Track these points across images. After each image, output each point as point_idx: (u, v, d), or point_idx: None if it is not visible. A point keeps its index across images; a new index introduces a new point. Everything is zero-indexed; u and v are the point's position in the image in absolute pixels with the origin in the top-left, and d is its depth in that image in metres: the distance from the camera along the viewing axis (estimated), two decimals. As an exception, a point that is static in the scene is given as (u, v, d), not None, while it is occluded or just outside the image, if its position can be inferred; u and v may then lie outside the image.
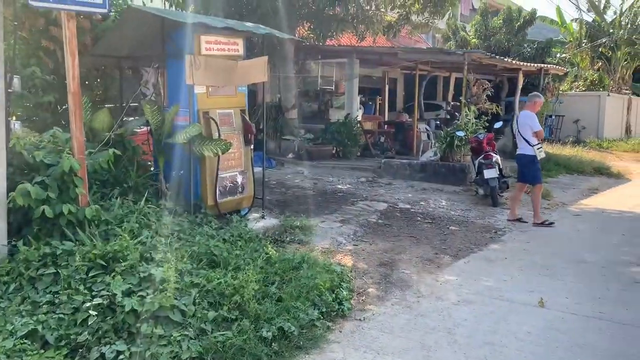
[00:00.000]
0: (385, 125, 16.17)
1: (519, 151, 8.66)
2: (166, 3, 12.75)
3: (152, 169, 6.57)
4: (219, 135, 6.44)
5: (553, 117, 21.65)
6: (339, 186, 11.13)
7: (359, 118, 14.60)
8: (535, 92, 9.04)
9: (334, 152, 13.59)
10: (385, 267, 6.29)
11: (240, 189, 6.90)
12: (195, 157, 6.34)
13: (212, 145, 6.26)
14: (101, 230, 4.88)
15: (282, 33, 6.98)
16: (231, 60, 6.56)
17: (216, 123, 6.42)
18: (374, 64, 14.42)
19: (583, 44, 25.76)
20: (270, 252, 5.98)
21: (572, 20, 27.38)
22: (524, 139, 8.44)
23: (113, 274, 4.24)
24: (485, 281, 5.91)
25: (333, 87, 14.67)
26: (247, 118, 6.90)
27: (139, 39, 6.77)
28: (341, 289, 5.22)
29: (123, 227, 4.95)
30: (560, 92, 17.67)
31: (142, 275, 4.22)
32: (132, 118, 6.59)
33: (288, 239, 6.90)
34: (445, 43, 25.34)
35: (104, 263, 4.34)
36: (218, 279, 4.69)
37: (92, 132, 6.08)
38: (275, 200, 9.52)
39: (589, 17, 27.68)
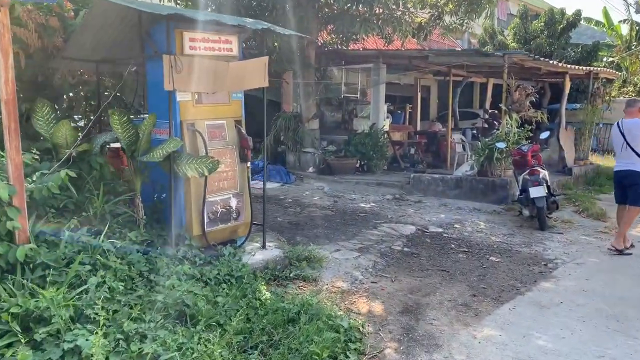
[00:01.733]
0: (416, 136, 14.87)
1: (626, 167, 7.20)
2: (177, 6, 11.90)
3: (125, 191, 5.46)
4: (206, 151, 5.33)
5: (601, 125, 19.87)
6: (362, 205, 9.90)
7: (386, 128, 13.36)
8: (635, 97, 7.60)
9: (357, 165, 12.38)
10: (408, 315, 5.03)
11: (234, 215, 5.76)
12: (177, 178, 5.25)
13: (197, 163, 5.15)
14: (37, 276, 3.80)
15: (284, 29, 5.86)
16: (223, 61, 5.45)
17: (202, 137, 5.32)
18: (402, 69, 13.19)
19: (633, 47, 23.85)
20: (264, 297, 4.81)
21: (620, 21, 25.44)
22: (635, 152, 6.98)
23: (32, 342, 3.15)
24: (538, 338, 4.58)
25: (358, 95, 13.48)
26: (244, 130, 5.78)
27: (117, 39, 5.75)
28: (348, 353, 4.00)
29: (67, 272, 3.86)
30: (612, 98, 16.02)
31: (66, 346, 3.11)
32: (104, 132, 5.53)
33: (292, 274, 5.72)
34: (482, 48, 23.86)
35: (19, 328, 3.25)
36: (180, 344, 3.55)
37: (55, 149, 5.05)
38: (286, 222, 8.37)
39: (639, 19, 25.74)
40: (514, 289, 5.79)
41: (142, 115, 5.69)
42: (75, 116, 6.78)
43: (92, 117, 6.31)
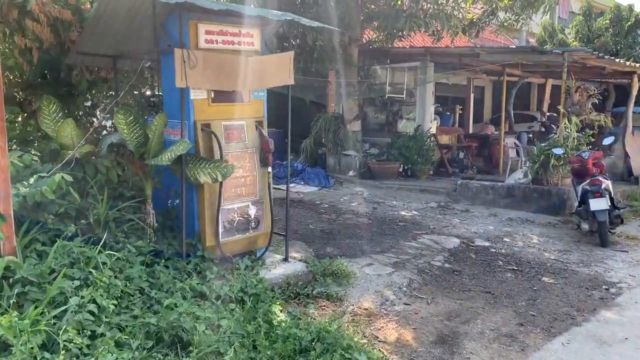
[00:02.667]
0: (466, 139, 14.00)
1: None
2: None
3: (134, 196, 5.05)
4: (221, 154, 4.86)
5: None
6: (402, 213, 9.23)
7: (433, 130, 12.59)
8: None
9: (400, 170, 11.68)
10: (443, 346, 4.38)
11: (253, 224, 5.27)
12: (190, 183, 4.80)
13: (210, 167, 4.69)
14: (17, 292, 3.41)
15: (311, 21, 5.31)
16: (242, 56, 4.97)
17: (217, 139, 4.84)
18: (452, 68, 12.39)
19: None
20: (277, 319, 4.28)
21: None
22: None
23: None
24: (597, 384, 3.85)
25: (403, 95, 12.77)
26: (265, 132, 5.27)
27: (133, 32, 5.37)
28: (363, 396, 3.42)
29: (50, 288, 3.46)
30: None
31: (25, 382, 2.68)
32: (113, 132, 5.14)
33: (315, 291, 5.17)
34: (541, 47, 22.53)
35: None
36: (165, 380, 3.06)
37: (62, 150, 4.70)
38: (319, 230, 7.83)
39: None
40: (569, 318, 5.03)
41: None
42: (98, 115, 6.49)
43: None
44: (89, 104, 6.20)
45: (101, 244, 4.09)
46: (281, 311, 4.54)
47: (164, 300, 3.98)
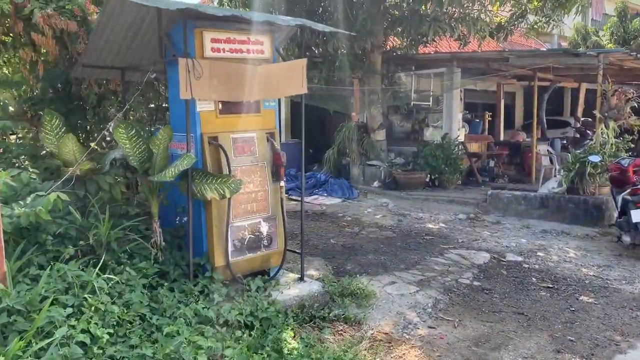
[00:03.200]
0: (497, 147, 13.47)
1: None
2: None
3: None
4: (229, 168, 4.58)
5: None
6: (429, 225, 8.82)
7: (461, 138, 12.12)
8: None
9: (427, 180, 11.24)
10: (470, 377, 3.98)
11: (265, 242, 4.96)
12: (197, 200, 4.53)
13: (218, 183, 4.42)
14: (2, 322, 3.17)
15: (324, 26, 5.02)
16: (251, 65, 4.69)
17: (224, 152, 4.57)
18: (479, 73, 11.94)
19: None
20: (288, 347, 3.96)
21: None
22: None
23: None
24: None
25: (430, 103, 12.36)
26: (277, 144, 4.98)
27: (140, 43, 5.16)
28: None
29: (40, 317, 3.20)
30: None
31: None
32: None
33: (332, 314, 4.82)
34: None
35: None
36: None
37: (65, 167, 4.50)
38: (340, 245, 7.49)
39: None
40: (612, 344, 4.56)
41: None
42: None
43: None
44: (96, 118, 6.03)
45: (99, 266, 3.84)
46: (293, 337, 4.21)
47: (165, 327, 3.71)
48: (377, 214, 9.64)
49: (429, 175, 11.23)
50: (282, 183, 4.95)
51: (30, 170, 4.19)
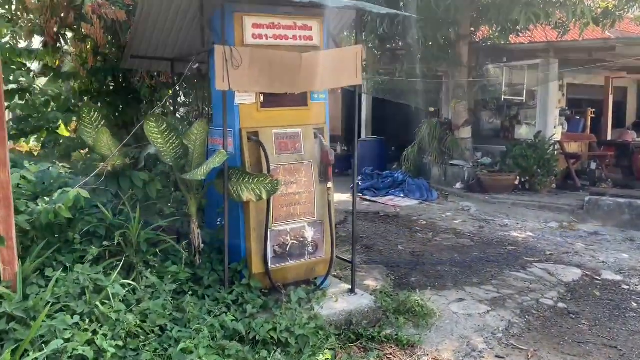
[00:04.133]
0: (601, 147, 12.05)
1: None
2: None
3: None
4: (268, 167, 4.16)
5: None
6: (514, 234, 7.91)
7: (558, 137, 10.92)
8: None
9: (517, 182, 10.21)
10: None
11: (310, 249, 4.49)
12: (234, 201, 4.16)
13: (255, 183, 4.01)
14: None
15: (380, 7, 4.45)
16: (297, 53, 4.23)
17: (264, 149, 4.15)
18: (580, 65, 10.66)
19: None
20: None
21: None
22: None
23: None
24: None
25: (523, 98, 11.26)
26: (326, 141, 4.48)
27: (188, 32, 4.88)
28: None
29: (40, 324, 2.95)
30: None
31: None
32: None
33: (382, 334, 4.25)
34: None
35: None
36: None
37: (102, 161, 4.31)
38: (408, 252, 6.85)
39: None
40: None
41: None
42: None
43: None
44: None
45: (118, 269, 3.56)
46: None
47: (184, 340, 3.36)
48: (456, 219, 8.85)
49: (518, 178, 10.20)
50: (330, 184, 4.44)
51: (60, 164, 4.00)
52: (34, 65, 5.55)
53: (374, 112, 14.56)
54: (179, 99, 5.25)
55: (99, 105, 5.56)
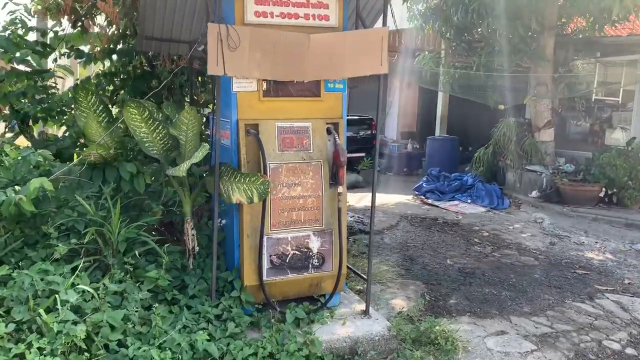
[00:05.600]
0: None
1: None
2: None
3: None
4: (264, 165, 3.60)
5: None
6: (589, 255, 6.81)
7: (656, 145, 9.44)
8: None
9: (602, 195, 8.91)
10: None
11: (315, 261, 3.89)
12: (225, 203, 3.65)
13: (247, 183, 3.48)
14: None
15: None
16: (307, 34, 3.63)
17: (260, 143, 3.60)
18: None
19: None
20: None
21: None
22: None
23: None
24: None
25: (619, 98, 9.87)
26: (340, 139, 3.84)
27: (202, 13, 4.44)
28: None
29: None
30: None
31: None
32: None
33: (395, 371, 3.59)
34: None
35: None
36: None
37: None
38: (456, 268, 6.04)
39: None
40: None
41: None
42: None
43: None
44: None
45: (89, 271, 3.17)
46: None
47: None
48: (524, 232, 7.83)
49: (604, 190, 8.92)
50: (342, 189, 3.80)
51: (39, 151, 3.70)
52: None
53: (450, 108, 13.56)
54: (197, 85, 4.81)
55: (124, 90, 5.28)
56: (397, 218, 8.42)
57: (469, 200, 9.63)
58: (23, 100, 4.83)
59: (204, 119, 5.27)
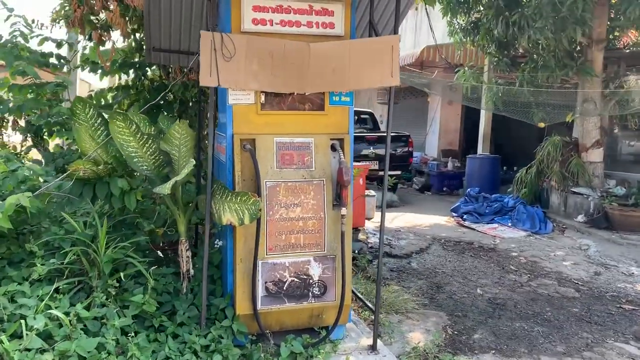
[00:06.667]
0: None
1: None
2: None
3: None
4: (258, 183, 3.32)
5: None
6: (639, 287, 6.17)
7: None
8: None
9: (656, 221, 8.19)
10: None
11: (316, 290, 3.55)
12: (221, 225, 3.39)
13: (238, 202, 3.21)
14: None
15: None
16: (309, 43, 3.35)
17: (253, 159, 3.32)
18: None
19: None
20: None
21: None
22: None
23: None
24: None
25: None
26: (344, 157, 3.52)
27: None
28: None
29: None
30: None
31: None
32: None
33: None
34: None
35: None
36: None
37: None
38: (486, 299, 5.56)
39: None
40: None
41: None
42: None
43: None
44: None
45: (71, 294, 2.96)
46: None
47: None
48: (566, 260, 7.22)
49: (659, 215, 8.18)
50: (344, 210, 3.47)
51: (28, 164, 3.55)
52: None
53: (494, 126, 12.96)
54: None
55: (136, 104, 5.16)
56: (428, 241, 7.96)
57: (509, 224, 9.05)
58: (36, 112, 4.76)
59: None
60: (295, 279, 3.50)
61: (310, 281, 3.53)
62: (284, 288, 3.49)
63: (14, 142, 5.71)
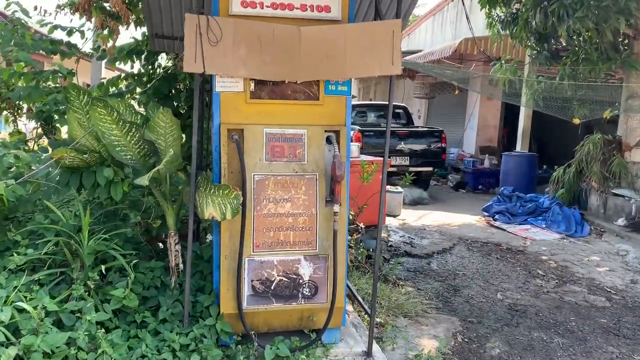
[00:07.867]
0: None
1: None
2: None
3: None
4: (244, 176, 3.13)
5: None
6: (678, 299, 5.68)
7: None
8: None
9: None
10: None
11: (306, 291, 3.34)
12: (206, 220, 3.22)
13: (221, 196, 3.03)
14: None
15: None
16: (302, 27, 3.14)
17: (239, 150, 3.13)
18: None
19: None
20: None
21: None
22: None
23: None
24: None
25: None
26: (339, 150, 3.28)
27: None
28: None
29: None
30: None
31: None
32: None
33: None
34: None
35: None
36: None
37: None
38: (506, 304, 5.24)
39: None
40: None
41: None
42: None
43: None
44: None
45: (50, 286, 2.87)
46: None
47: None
48: (600, 266, 6.75)
49: None
50: (337, 207, 3.23)
51: (13, 151, 3.47)
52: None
53: (534, 122, 12.38)
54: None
55: (145, 93, 5.07)
56: (454, 240, 7.62)
57: (543, 225, 8.59)
58: (43, 100, 4.73)
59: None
60: (284, 279, 3.30)
61: (300, 281, 3.33)
62: (272, 287, 3.30)
63: (30, 130, 5.74)
